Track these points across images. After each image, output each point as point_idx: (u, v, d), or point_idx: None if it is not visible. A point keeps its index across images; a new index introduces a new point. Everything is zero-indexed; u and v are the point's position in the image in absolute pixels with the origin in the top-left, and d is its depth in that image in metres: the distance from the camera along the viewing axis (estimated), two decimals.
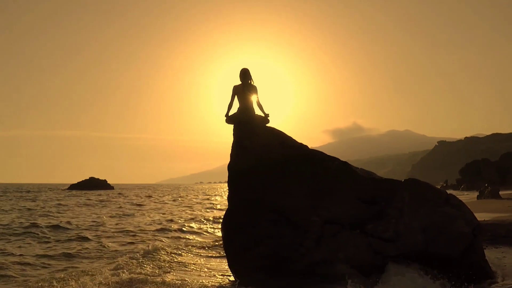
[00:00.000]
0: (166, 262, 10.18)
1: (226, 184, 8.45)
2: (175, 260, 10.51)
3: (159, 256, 10.63)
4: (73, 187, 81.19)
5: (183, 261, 10.44)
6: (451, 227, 7.20)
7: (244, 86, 8.28)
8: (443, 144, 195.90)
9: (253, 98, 8.28)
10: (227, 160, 8.33)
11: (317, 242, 7.25)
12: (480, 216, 10.67)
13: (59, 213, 24.93)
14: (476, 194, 37.86)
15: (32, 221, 18.40)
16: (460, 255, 7.09)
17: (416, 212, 7.27)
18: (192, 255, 11.32)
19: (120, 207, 31.45)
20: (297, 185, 7.65)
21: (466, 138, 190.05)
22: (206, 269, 9.59)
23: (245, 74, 8.33)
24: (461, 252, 7.11)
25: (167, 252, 11.23)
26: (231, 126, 8.41)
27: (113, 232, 16.11)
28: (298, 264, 7.23)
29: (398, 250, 7.13)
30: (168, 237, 15.08)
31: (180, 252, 11.54)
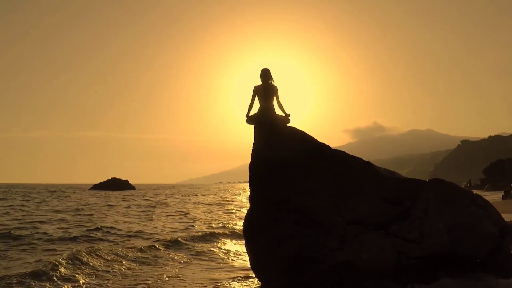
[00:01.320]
0: None
1: (246, 184, 8.44)
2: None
3: None
4: (96, 187, 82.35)
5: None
6: (477, 228, 7.06)
7: (265, 86, 8.27)
8: (466, 144, 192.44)
9: (274, 98, 8.26)
10: (246, 160, 8.33)
11: (340, 243, 7.19)
12: (506, 217, 10.43)
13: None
14: (501, 194, 37.08)
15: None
16: (486, 256, 6.95)
17: (441, 212, 7.15)
18: None
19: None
20: (320, 185, 7.59)
21: (490, 137, 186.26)
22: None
23: (265, 74, 8.32)
24: (487, 253, 6.97)
25: None
26: (252, 127, 8.41)
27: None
28: (321, 264, 7.18)
29: (423, 251, 7.03)
30: None
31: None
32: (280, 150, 7.95)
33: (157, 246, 12.31)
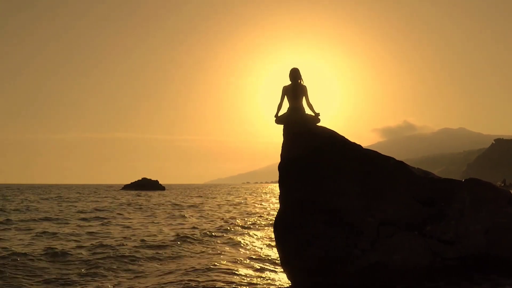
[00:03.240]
0: None
1: (274, 184, 8.41)
2: None
3: None
4: (127, 187, 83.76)
5: None
6: None
7: (294, 86, 8.23)
8: (500, 142, 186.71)
9: (303, 98, 8.20)
10: (273, 160, 8.32)
11: (372, 244, 7.07)
12: None
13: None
14: None
15: None
16: None
17: (477, 213, 6.96)
18: None
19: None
20: (351, 185, 7.48)
21: None
22: None
23: (294, 74, 8.27)
24: None
25: None
26: (280, 127, 8.37)
27: None
28: (352, 265, 7.07)
29: (459, 253, 6.85)
30: None
31: None
32: (310, 150, 7.88)
33: None
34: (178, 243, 12.96)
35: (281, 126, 8.38)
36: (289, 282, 7.89)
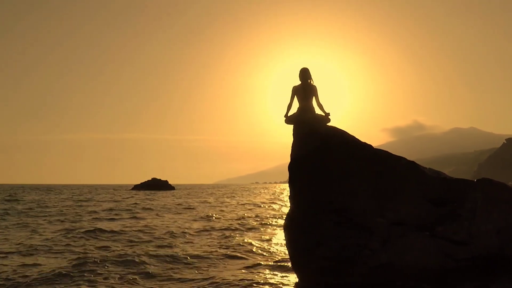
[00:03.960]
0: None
1: (283, 184, 8.40)
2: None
3: None
4: (137, 187, 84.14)
5: None
6: None
7: (304, 86, 8.21)
8: None
9: (313, 98, 8.18)
10: (282, 160, 8.33)
11: (383, 244, 7.03)
12: None
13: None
14: None
15: None
16: None
17: (490, 213, 6.89)
18: None
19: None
20: (362, 185, 7.44)
21: None
22: None
23: (304, 74, 8.25)
24: None
25: None
26: (290, 127, 8.36)
27: None
28: (363, 266, 7.05)
29: (471, 253, 6.79)
30: None
31: None
32: (320, 150, 7.86)
33: None
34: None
35: (291, 126, 8.37)
36: (300, 282, 7.88)
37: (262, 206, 33.72)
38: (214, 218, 22.21)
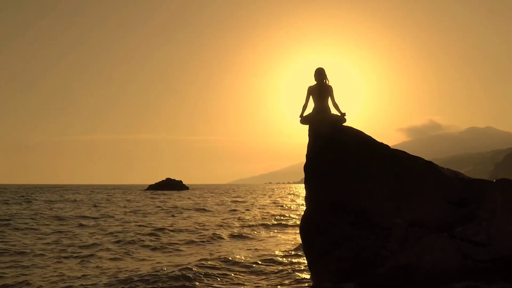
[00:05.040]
0: None
1: (296, 185, 8.38)
2: None
3: None
4: (151, 187, 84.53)
5: None
6: None
7: (319, 86, 8.18)
8: None
9: (329, 98, 8.14)
10: (295, 160, 8.35)
11: (401, 245, 6.96)
12: None
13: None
14: None
15: None
16: None
17: (509, 214, 6.78)
18: None
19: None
20: (378, 186, 7.39)
21: None
22: None
23: (320, 74, 8.22)
24: None
25: None
26: (304, 127, 8.33)
27: None
28: (380, 267, 6.99)
29: (490, 255, 6.68)
30: None
31: None
32: (336, 150, 7.82)
33: None
34: None
35: (305, 127, 8.35)
36: (316, 283, 7.84)
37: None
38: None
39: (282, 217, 21.57)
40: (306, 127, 8.38)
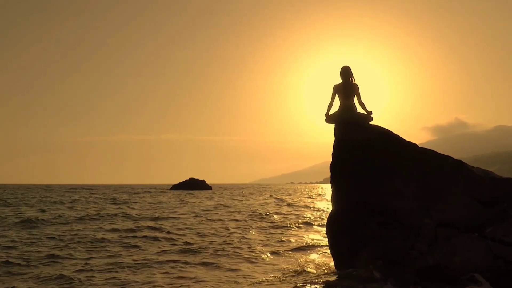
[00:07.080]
0: None
1: (318, 185, 8.34)
2: None
3: None
4: (175, 187, 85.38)
5: None
6: None
7: (345, 85, 8.13)
8: None
9: (355, 97, 8.09)
10: (317, 160, 8.34)
11: (430, 246, 6.86)
12: None
13: None
14: None
15: None
16: None
17: None
18: None
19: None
20: (406, 185, 7.29)
21: None
22: None
23: (346, 72, 8.17)
24: None
25: None
26: (328, 126, 8.30)
27: None
28: (409, 267, 6.90)
29: None
30: None
31: None
32: (363, 150, 7.75)
33: None
34: None
35: (328, 126, 8.31)
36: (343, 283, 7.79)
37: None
38: None
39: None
40: (328, 126, 8.35)
